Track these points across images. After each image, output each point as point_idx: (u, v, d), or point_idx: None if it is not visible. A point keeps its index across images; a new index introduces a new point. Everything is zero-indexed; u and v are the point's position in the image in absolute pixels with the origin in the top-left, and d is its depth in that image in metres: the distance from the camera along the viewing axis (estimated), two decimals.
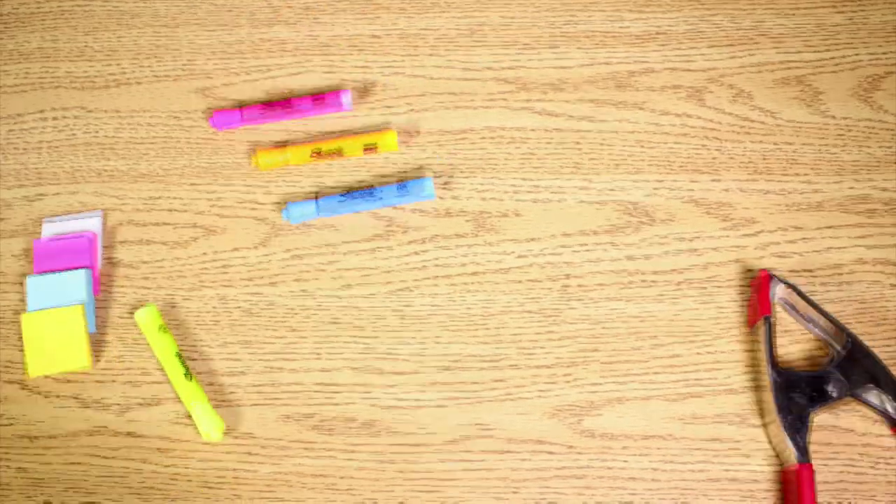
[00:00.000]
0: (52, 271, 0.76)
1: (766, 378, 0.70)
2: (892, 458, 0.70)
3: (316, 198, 0.78)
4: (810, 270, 0.75)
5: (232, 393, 0.74)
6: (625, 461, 0.71)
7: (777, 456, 0.71)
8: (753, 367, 0.73)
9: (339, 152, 0.79)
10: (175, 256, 0.78)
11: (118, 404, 0.74)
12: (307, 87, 0.83)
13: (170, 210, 0.80)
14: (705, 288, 0.75)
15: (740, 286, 0.75)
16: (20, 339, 0.76)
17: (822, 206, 0.78)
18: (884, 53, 0.82)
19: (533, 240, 0.77)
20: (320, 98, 0.81)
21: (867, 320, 0.74)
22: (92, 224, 0.79)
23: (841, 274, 0.75)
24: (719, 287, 0.75)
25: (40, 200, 0.80)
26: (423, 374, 0.74)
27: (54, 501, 0.72)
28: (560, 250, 0.77)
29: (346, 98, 0.80)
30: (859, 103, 0.81)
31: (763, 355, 0.71)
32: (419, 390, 0.74)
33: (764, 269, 0.73)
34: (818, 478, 0.70)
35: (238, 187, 0.80)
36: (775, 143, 0.80)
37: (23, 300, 0.77)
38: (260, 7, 0.86)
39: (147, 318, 0.75)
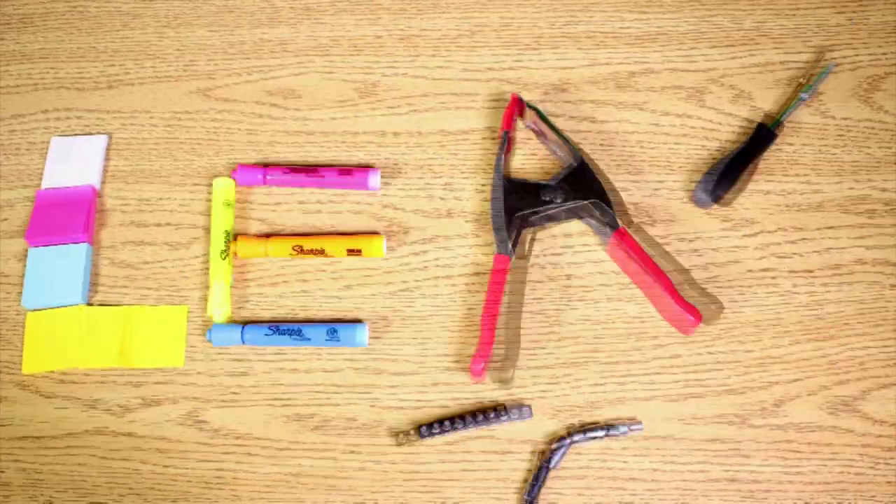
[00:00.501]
0: (51, 224, 0.78)
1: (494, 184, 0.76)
2: (891, 458, 0.71)
3: (243, 325, 0.75)
4: (810, 271, 0.76)
5: (234, 393, 0.74)
6: (625, 461, 0.71)
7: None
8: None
9: (321, 251, 0.77)
10: (177, 257, 0.78)
11: (119, 405, 0.74)
12: (307, 88, 0.83)
13: (172, 211, 0.80)
14: (705, 288, 0.75)
15: (740, 286, 0.75)
16: (21, 339, 0.76)
17: (822, 206, 0.78)
18: (883, 54, 0.82)
19: (532, 239, 0.78)
20: (347, 171, 0.79)
21: (867, 321, 0.74)
22: (98, 144, 0.81)
23: (841, 274, 0.75)
24: (720, 287, 0.75)
25: None
26: (423, 374, 0.74)
27: (55, 502, 0.72)
28: (561, 250, 0.77)
29: (375, 178, 0.78)
30: (859, 104, 0.81)
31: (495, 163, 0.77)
32: (420, 391, 0.74)
33: (514, 93, 0.79)
34: (817, 478, 0.70)
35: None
36: (775, 144, 0.80)
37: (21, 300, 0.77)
38: (261, 8, 0.86)
39: (221, 188, 0.78)
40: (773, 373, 0.73)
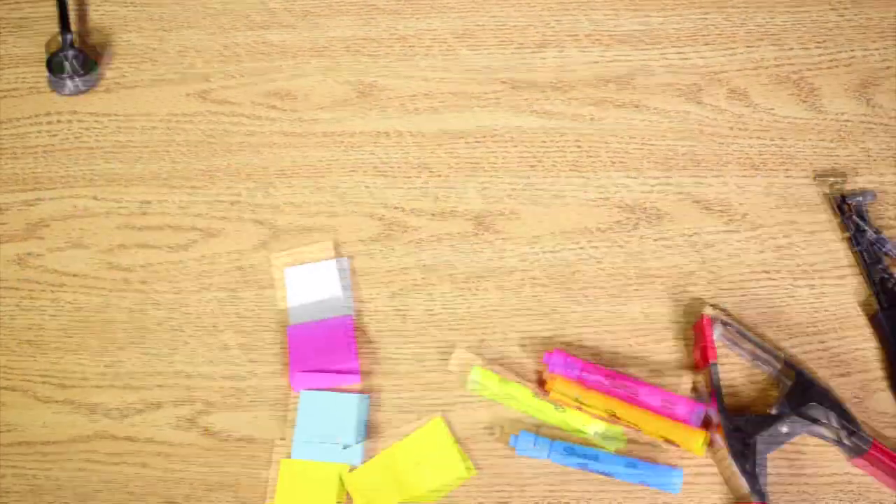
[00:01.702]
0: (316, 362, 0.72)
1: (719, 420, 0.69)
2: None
3: (552, 438, 0.70)
4: (812, 264, 0.76)
5: (234, 396, 0.74)
6: None
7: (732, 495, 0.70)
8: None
9: (635, 426, 0.70)
10: (173, 260, 0.78)
11: (117, 409, 0.74)
12: (304, 90, 0.83)
13: (167, 213, 0.79)
14: (709, 284, 0.75)
15: (741, 282, 0.75)
16: (18, 344, 0.76)
17: (821, 202, 0.78)
18: (878, 51, 0.83)
19: (533, 239, 0.77)
20: (669, 399, 0.70)
21: (867, 315, 0.75)
22: (330, 269, 0.76)
23: (839, 267, 0.76)
24: (721, 283, 0.75)
25: (37, 205, 0.80)
26: (425, 374, 0.74)
27: None
28: (560, 249, 0.77)
29: (697, 415, 0.70)
30: (855, 100, 0.81)
31: (714, 402, 0.69)
32: (422, 390, 0.73)
33: (705, 314, 0.72)
34: (821, 472, 0.70)
35: (237, 189, 0.80)
36: (772, 140, 0.80)
37: (19, 303, 0.76)
38: (257, 10, 0.86)
39: (484, 380, 0.72)
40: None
